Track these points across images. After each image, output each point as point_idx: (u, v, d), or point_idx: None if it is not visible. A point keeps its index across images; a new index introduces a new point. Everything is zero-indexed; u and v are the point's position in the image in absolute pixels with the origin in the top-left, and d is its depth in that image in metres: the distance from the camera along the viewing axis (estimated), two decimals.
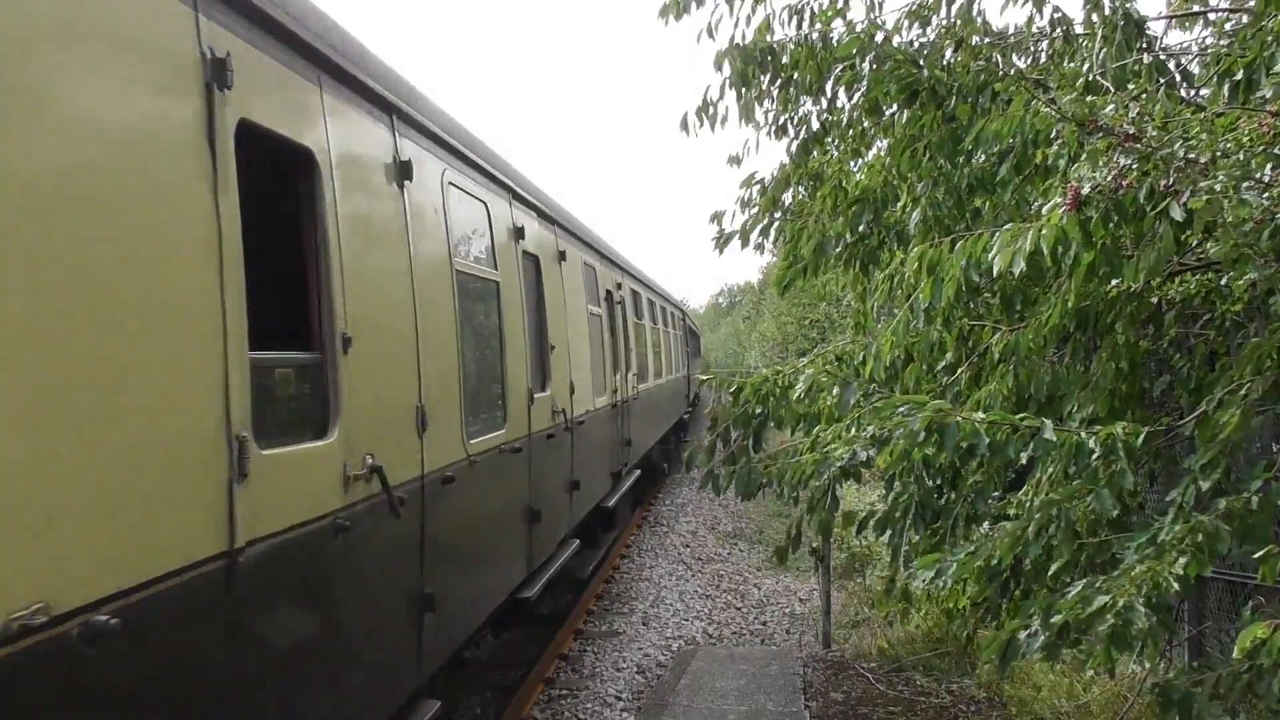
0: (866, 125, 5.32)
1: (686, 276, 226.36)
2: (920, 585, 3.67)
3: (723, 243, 5.74)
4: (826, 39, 4.95)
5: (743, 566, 11.61)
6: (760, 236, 5.74)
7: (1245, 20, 4.33)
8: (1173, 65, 4.57)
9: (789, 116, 5.53)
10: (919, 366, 4.44)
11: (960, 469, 4.01)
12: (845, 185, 5.40)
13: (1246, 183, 2.88)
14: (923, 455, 3.52)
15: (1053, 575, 3.34)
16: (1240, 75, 3.78)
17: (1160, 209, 3.04)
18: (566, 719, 6.88)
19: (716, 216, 5.78)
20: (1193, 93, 4.56)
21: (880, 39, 4.85)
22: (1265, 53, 3.68)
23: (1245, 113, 3.29)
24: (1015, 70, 4.70)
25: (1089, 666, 2.96)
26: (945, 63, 4.84)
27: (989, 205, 4.64)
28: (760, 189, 5.71)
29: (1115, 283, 3.62)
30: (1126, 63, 4.35)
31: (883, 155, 5.40)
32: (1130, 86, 4.09)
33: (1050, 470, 3.36)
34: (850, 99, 5.18)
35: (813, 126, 5.56)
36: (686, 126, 5.39)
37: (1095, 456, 3.11)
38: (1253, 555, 2.95)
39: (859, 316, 6.07)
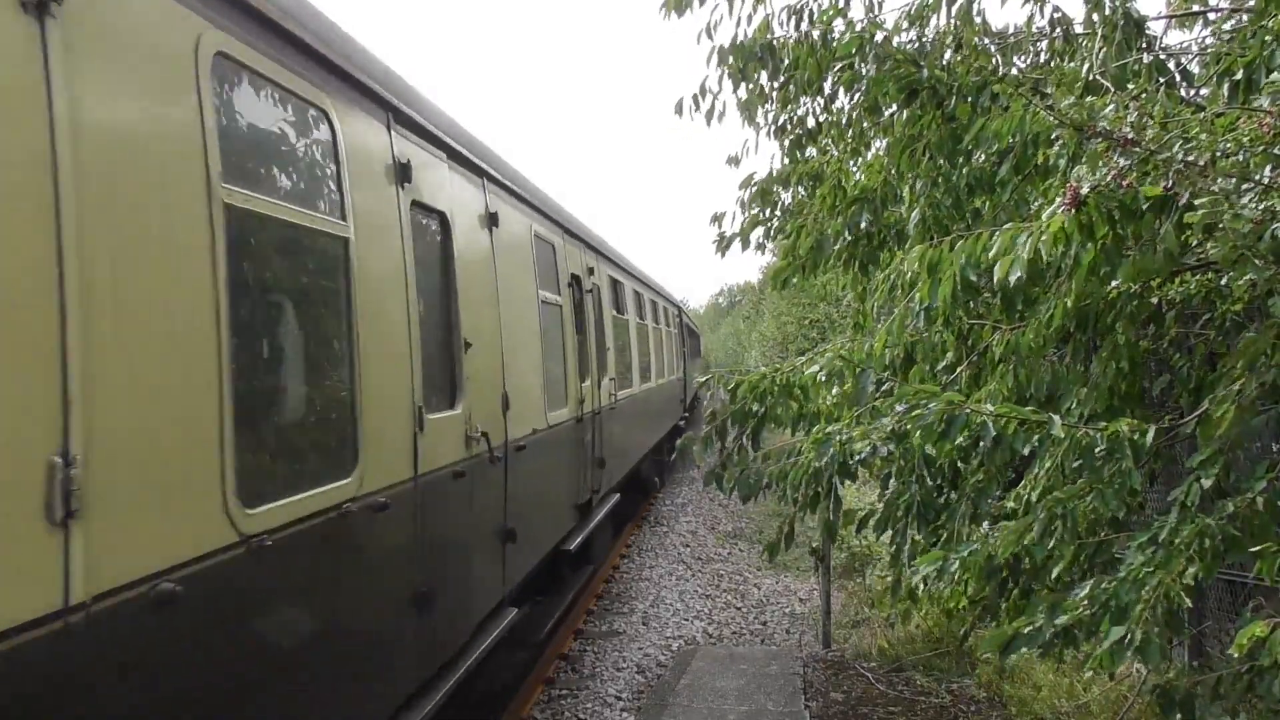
0: (865, 125, 5.33)
1: (687, 277, 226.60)
2: (920, 579, 3.68)
3: (724, 245, 5.75)
4: (826, 38, 4.96)
5: (743, 566, 11.61)
6: (762, 238, 5.76)
7: (1245, 20, 4.33)
8: (1173, 65, 4.57)
9: (788, 116, 5.55)
10: (921, 367, 4.44)
11: (961, 469, 4.02)
12: (844, 185, 5.41)
13: (1246, 183, 2.88)
14: (923, 453, 3.53)
15: (1055, 577, 3.34)
16: (1240, 75, 3.78)
17: (1156, 200, 3.04)
18: (566, 719, 6.89)
19: (717, 218, 5.80)
20: (1193, 92, 4.56)
21: (880, 39, 4.85)
22: (1265, 53, 3.68)
23: (1245, 113, 3.29)
24: (1013, 75, 4.71)
25: (1088, 667, 2.96)
26: (945, 62, 4.84)
27: (989, 205, 4.65)
28: (759, 189, 5.72)
29: (1115, 283, 3.62)
30: (1126, 62, 4.35)
31: (882, 155, 5.40)
32: (1130, 86, 4.10)
33: (1049, 464, 3.36)
34: (850, 98, 5.19)
35: (809, 125, 5.58)
36: (681, 110, 5.39)
37: (1099, 451, 3.11)
38: (1251, 552, 2.95)
39: (859, 316, 6.07)
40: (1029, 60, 5.25)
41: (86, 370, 2.30)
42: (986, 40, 5.11)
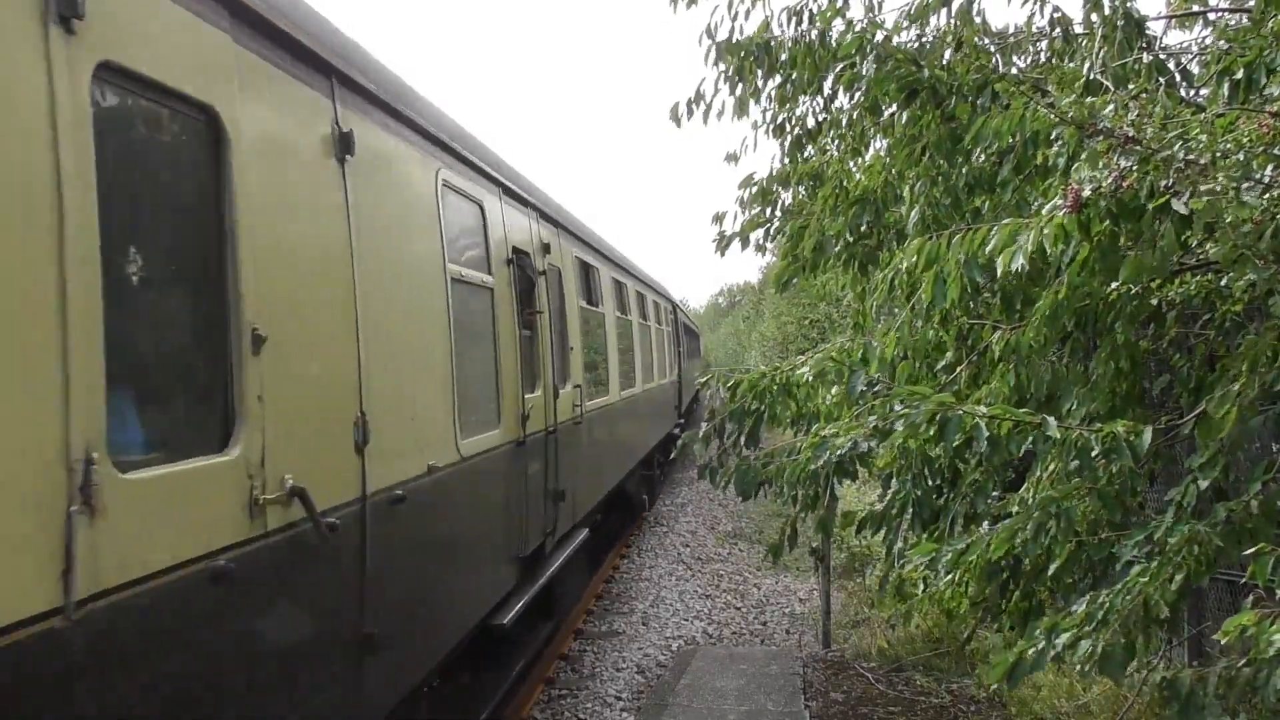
0: (866, 125, 5.33)
1: (687, 277, 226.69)
2: (909, 571, 3.68)
3: (724, 245, 5.75)
4: (825, 38, 4.96)
5: (742, 566, 11.61)
6: (762, 238, 5.76)
7: (1245, 20, 4.33)
8: (1172, 65, 4.57)
9: (787, 115, 5.55)
10: (919, 366, 4.44)
11: (960, 468, 4.02)
12: (846, 185, 5.41)
13: (1246, 184, 2.88)
14: (921, 453, 3.52)
15: (1052, 576, 3.34)
16: (1240, 75, 3.78)
17: (1161, 203, 3.04)
18: (566, 719, 6.89)
19: (718, 218, 5.80)
20: (1193, 92, 4.57)
21: (880, 38, 4.85)
22: (1265, 53, 3.68)
23: (1245, 113, 3.29)
24: (1013, 74, 4.71)
25: (1081, 670, 2.97)
26: (945, 62, 4.84)
27: (989, 205, 4.64)
28: (759, 189, 5.72)
29: (1115, 285, 3.62)
30: (1126, 62, 4.35)
31: (882, 155, 5.40)
32: (1130, 86, 4.09)
33: (1051, 467, 3.36)
34: (850, 98, 5.19)
35: (808, 124, 5.58)
36: (677, 117, 5.39)
37: (1096, 454, 3.11)
38: (1246, 555, 2.95)
39: (859, 316, 6.07)
40: (1029, 60, 5.25)
41: (366, 370, 3.95)
42: (986, 40, 5.11)
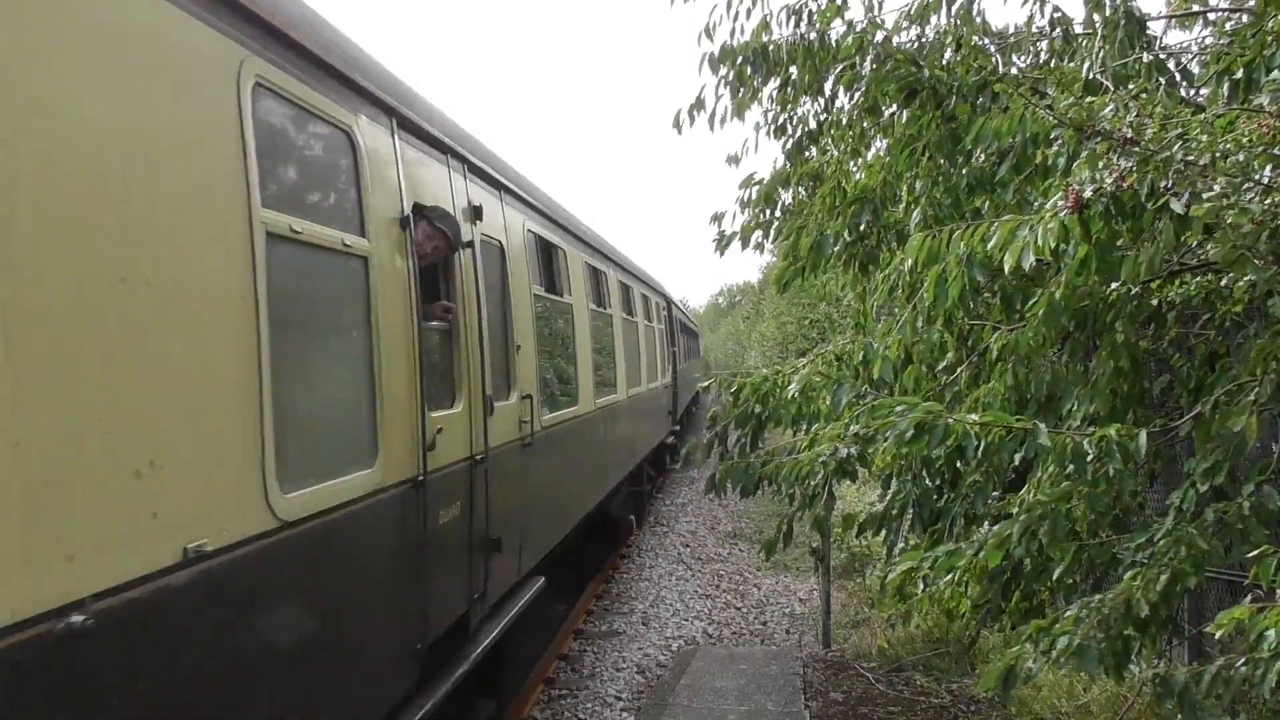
0: (865, 125, 5.33)
1: (687, 277, 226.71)
2: (892, 579, 3.69)
3: (723, 244, 5.75)
4: (824, 38, 4.96)
5: (742, 566, 11.61)
6: (762, 238, 5.76)
7: (1245, 20, 4.33)
8: (1172, 65, 4.57)
9: (788, 116, 5.54)
10: (918, 367, 4.44)
11: (960, 468, 4.01)
12: (845, 185, 5.41)
13: (1247, 184, 2.88)
14: (920, 454, 3.52)
15: (1056, 579, 3.33)
16: (1240, 75, 3.78)
17: (1160, 203, 3.04)
18: (566, 719, 6.89)
19: (717, 218, 5.79)
20: (1193, 92, 4.56)
21: (880, 39, 4.85)
22: (1265, 53, 3.68)
23: (1245, 113, 3.29)
24: (1013, 75, 4.71)
25: (1057, 664, 2.99)
26: (945, 62, 4.84)
27: (989, 205, 4.64)
28: (759, 189, 5.72)
29: (1115, 285, 3.62)
30: (1127, 61, 4.35)
31: (882, 155, 5.40)
32: (1130, 86, 4.09)
33: (1050, 470, 3.36)
34: (850, 99, 5.19)
35: (810, 126, 5.57)
36: (679, 125, 5.40)
37: (1091, 459, 3.10)
38: (1248, 555, 2.94)
39: (859, 316, 6.07)
40: (1029, 60, 5.25)
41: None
42: (986, 40, 5.11)
